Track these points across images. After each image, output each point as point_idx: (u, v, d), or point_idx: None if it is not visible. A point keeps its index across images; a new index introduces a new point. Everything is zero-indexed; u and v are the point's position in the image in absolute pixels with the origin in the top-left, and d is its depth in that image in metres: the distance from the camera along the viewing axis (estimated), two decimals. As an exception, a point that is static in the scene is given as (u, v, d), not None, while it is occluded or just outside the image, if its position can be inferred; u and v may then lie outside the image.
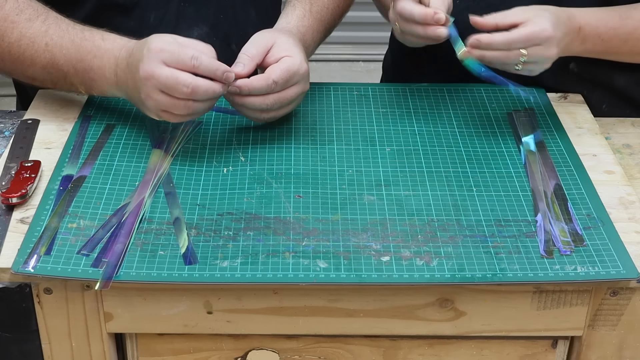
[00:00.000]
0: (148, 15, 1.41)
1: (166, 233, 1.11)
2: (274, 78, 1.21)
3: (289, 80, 1.23)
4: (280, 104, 1.24)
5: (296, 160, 1.25)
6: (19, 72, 1.31)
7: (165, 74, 1.16)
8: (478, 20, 1.24)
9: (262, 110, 1.24)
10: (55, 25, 1.27)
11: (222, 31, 1.45)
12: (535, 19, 1.22)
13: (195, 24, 1.43)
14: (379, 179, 1.21)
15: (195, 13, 1.43)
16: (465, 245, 1.09)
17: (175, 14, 1.42)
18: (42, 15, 1.28)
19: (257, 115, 1.26)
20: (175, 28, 1.41)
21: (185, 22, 1.43)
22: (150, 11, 1.41)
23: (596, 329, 1.11)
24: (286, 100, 1.24)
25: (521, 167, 1.24)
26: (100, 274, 1.04)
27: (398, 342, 1.13)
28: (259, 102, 1.23)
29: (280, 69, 1.22)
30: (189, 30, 1.42)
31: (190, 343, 1.13)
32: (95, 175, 1.20)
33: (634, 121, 1.40)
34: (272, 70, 1.22)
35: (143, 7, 1.40)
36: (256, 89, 1.21)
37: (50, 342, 1.10)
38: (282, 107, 1.26)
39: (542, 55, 1.24)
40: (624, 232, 1.12)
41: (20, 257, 1.06)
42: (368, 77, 3.36)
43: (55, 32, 1.27)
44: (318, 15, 1.42)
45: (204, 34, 1.43)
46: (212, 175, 1.22)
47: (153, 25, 1.41)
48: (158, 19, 1.41)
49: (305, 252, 1.08)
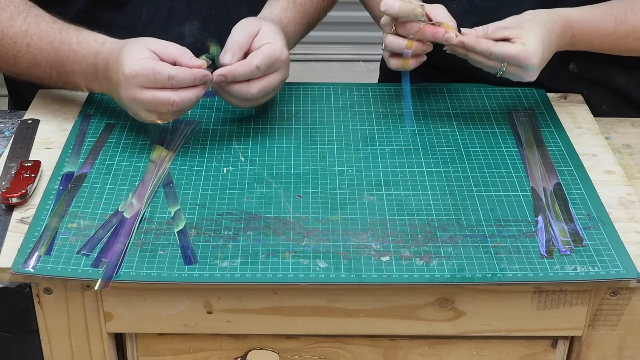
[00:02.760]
0: (140, 11, 1.41)
1: (166, 233, 1.11)
2: (256, 63, 1.22)
3: (271, 66, 1.24)
4: (264, 92, 1.25)
5: (296, 160, 1.25)
6: (5, 69, 1.32)
7: (147, 97, 1.19)
8: (467, 33, 1.25)
9: (246, 99, 1.26)
10: (35, 24, 1.27)
11: (213, 26, 1.45)
12: (527, 36, 1.22)
13: (187, 20, 1.43)
14: (379, 179, 1.21)
15: (186, 8, 1.43)
16: (465, 245, 1.09)
17: (167, 10, 1.42)
18: (23, 13, 1.27)
19: (239, 103, 1.27)
20: (167, 23, 1.42)
21: (177, 18, 1.43)
22: (142, 6, 1.41)
23: (596, 329, 1.11)
24: (270, 88, 1.26)
25: (521, 167, 1.24)
26: (100, 274, 1.04)
27: (398, 342, 1.13)
28: (244, 90, 1.24)
29: (262, 55, 1.23)
30: (180, 26, 1.43)
31: (190, 343, 1.13)
32: (95, 174, 1.20)
33: (634, 121, 1.40)
34: (254, 56, 1.23)
35: (135, 3, 1.40)
36: (239, 74, 1.22)
37: (50, 342, 1.10)
38: (265, 96, 1.27)
39: (520, 76, 1.25)
40: (624, 232, 1.12)
41: (20, 257, 1.06)
42: (368, 77, 3.36)
43: (35, 33, 1.26)
44: (301, 8, 1.43)
45: (195, 30, 1.44)
46: (212, 175, 1.22)
47: (145, 20, 1.41)
48: (150, 15, 1.41)
49: (305, 252, 1.08)
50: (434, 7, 1.26)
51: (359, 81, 1.51)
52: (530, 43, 1.22)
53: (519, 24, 1.24)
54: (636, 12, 1.31)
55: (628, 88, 1.44)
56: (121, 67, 1.19)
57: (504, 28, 1.24)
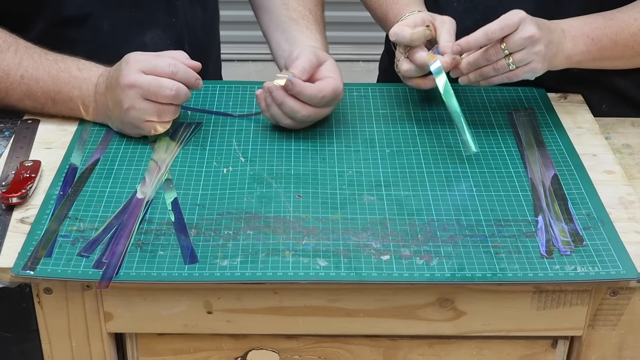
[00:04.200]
0: (101, 24, 1.41)
1: (166, 233, 1.11)
2: (324, 93, 1.25)
3: (332, 101, 1.28)
4: (314, 117, 1.28)
5: (296, 160, 1.25)
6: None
7: (148, 80, 1.21)
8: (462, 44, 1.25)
9: (294, 117, 1.27)
10: (27, 56, 1.28)
11: (174, 33, 1.47)
12: (509, 14, 1.23)
13: (148, 28, 1.44)
14: (379, 179, 1.21)
15: (147, 17, 1.44)
16: (465, 245, 1.09)
17: (127, 21, 1.42)
18: (13, 46, 1.29)
19: (281, 119, 1.28)
20: (128, 34, 1.42)
21: (138, 27, 1.44)
22: (103, 20, 1.41)
23: (596, 328, 1.11)
24: (318, 117, 1.29)
25: (521, 167, 1.24)
26: (100, 275, 1.04)
27: (398, 342, 1.13)
28: (298, 108, 1.26)
29: (332, 88, 1.26)
30: (142, 35, 1.43)
31: (190, 343, 1.13)
32: (96, 177, 1.20)
33: (634, 121, 1.40)
34: (325, 86, 1.26)
35: (95, 17, 1.40)
36: (306, 95, 1.25)
37: (50, 342, 1.10)
38: (307, 122, 1.29)
39: (522, 42, 1.22)
40: (624, 232, 1.12)
41: (20, 260, 1.06)
42: (368, 77, 3.36)
43: (30, 64, 1.28)
44: (324, 32, 1.46)
45: (157, 38, 1.44)
46: (212, 175, 1.22)
47: (107, 32, 1.41)
48: (111, 27, 1.42)
49: (305, 250, 1.08)
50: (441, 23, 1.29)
51: (359, 81, 1.51)
52: (514, 11, 1.23)
53: (514, 17, 1.24)
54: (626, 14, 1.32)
55: (628, 88, 1.44)
56: (124, 59, 1.23)
57: (499, 28, 1.23)
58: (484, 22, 1.25)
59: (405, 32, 1.27)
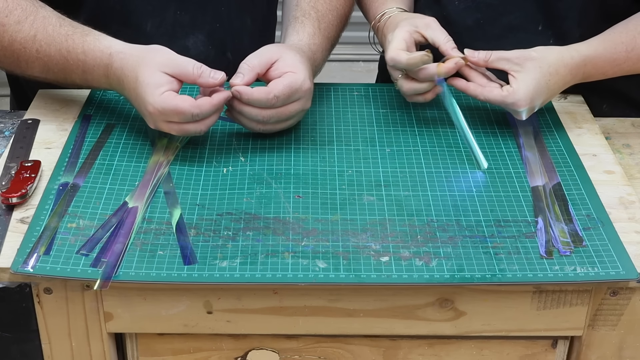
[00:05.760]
0: (145, 23, 1.40)
1: (166, 233, 1.11)
2: (275, 93, 1.20)
3: (291, 96, 1.22)
4: (277, 118, 1.23)
5: (296, 160, 1.25)
6: (20, 73, 1.30)
7: (174, 129, 1.19)
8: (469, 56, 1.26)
9: (259, 121, 1.24)
10: (42, 29, 1.25)
11: (217, 39, 1.45)
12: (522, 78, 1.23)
13: (191, 32, 1.43)
14: (379, 179, 1.21)
15: (191, 21, 1.42)
16: (464, 245, 1.09)
17: (171, 22, 1.41)
18: (31, 16, 1.25)
19: (252, 126, 1.25)
20: (171, 36, 1.41)
21: (182, 31, 1.42)
22: (147, 19, 1.40)
23: (596, 329, 1.11)
24: (284, 116, 1.24)
25: (521, 167, 1.24)
26: (99, 274, 1.04)
27: (398, 342, 1.13)
28: (255, 113, 1.22)
29: (283, 84, 1.21)
30: (185, 39, 1.42)
31: (190, 343, 1.13)
32: (95, 175, 1.20)
33: (634, 121, 1.40)
34: (274, 85, 1.21)
35: (139, 15, 1.39)
36: (256, 100, 1.21)
37: (50, 342, 1.10)
38: (279, 122, 1.25)
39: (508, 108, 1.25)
40: (624, 232, 1.12)
41: (19, 256, 1.06)
42: (368, 77, 3.35)
43: (43, 39, 1.24)
44: (326, 33, 1.40)
45: (199, 42, 1.43)
46: (212, 175, 1.22)
47: (150, 33, 1.40)
48: (155, 27, 1.40)
49: (304, 252, 1.08)
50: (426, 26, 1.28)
51: (359, 81, 1.51)
52: (521, 87, 1.23)
53: (522, 61, 1.23)
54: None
55: (628, 88, 1.44)
56: (142, 101, 1.18)
57: (506, 60, 1.24)
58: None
59: (402, 57, 1.25)
